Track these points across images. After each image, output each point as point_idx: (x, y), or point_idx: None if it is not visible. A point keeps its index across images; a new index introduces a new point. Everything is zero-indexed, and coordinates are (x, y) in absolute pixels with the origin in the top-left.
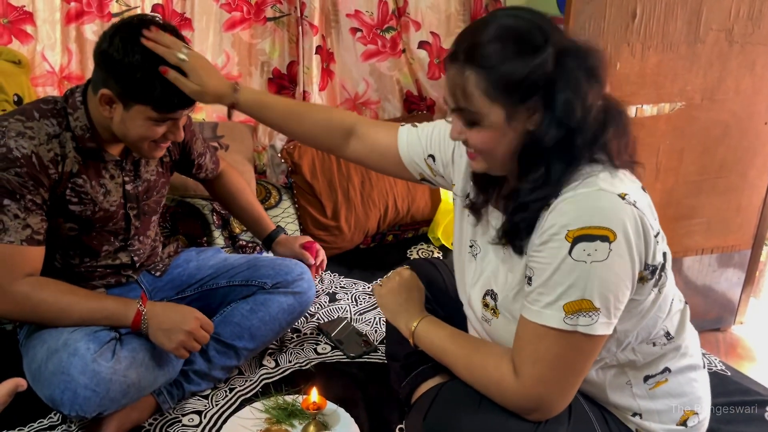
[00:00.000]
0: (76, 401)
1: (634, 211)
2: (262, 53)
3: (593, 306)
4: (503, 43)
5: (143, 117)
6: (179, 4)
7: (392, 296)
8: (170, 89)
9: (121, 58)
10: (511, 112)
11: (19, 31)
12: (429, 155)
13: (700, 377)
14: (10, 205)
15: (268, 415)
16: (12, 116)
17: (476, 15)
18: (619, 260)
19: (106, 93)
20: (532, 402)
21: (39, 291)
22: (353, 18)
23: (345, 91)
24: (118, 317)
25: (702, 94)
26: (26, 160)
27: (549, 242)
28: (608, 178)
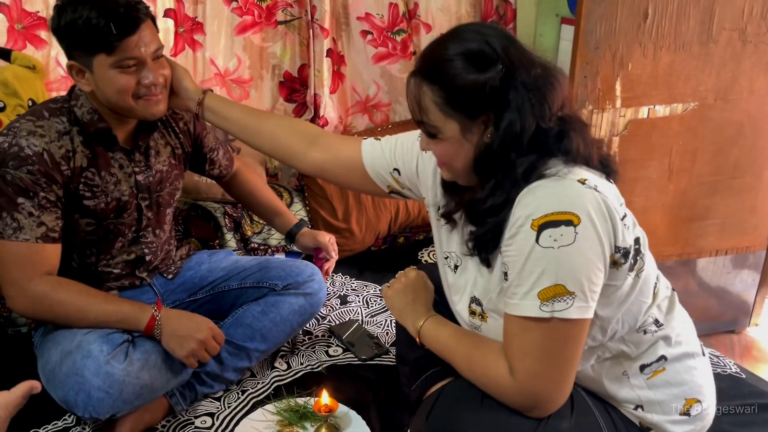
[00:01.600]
0: (90, 403)
1: (595, 194)
2: (274, 56)
3: (567, 290)
4: (457, 60)
5: (106, 68)
6: (191, 9)
7: (399, 296)
8: (107, 21)
9: (60, 21)
10: (465, 126)
11: (33, 37)
12: (394, 169)
13: (699, 365)
14: (25, 203)
15: (280, 418)
16: (23, 117)
17: (487, 16)
18: (586, 242)
19: (72, 64)
20: (530, 398)
21: (57, 291)
22: (364, 21)
23: (356, 93)
24: (133, 321)
25: (715, 94)
26: (38, 157)
27: (516, 235)
28: (566, 168)
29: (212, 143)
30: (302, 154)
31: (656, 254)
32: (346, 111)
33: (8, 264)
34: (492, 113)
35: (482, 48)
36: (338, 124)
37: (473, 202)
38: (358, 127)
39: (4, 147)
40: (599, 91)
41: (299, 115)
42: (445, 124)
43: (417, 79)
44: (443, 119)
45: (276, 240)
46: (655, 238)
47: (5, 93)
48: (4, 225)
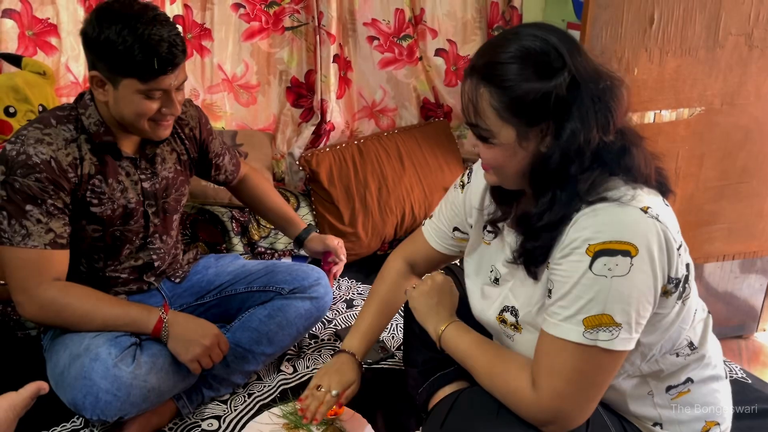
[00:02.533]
0: (98, 405)
1: (657, 224)
2: (281, 62)
3: (614, 321)
4: (520, 64)
5: (132, 91)
6: (199, 15)
7: (423, 299)
8: (149, 56)
9: (98, 35)
10: (522, 133)
11: (44, 43)
12: (454, 228)
13: (723, 388)
14: (33, 210)
15: (286, 421)
16: (31, 125)
17: (492, 22)
18: (640, 275)
19: (95, 75)
20: (549, 415)
21: (65, 295)
22: (370, 27)
23: (362, 98)
24: (140, 324)
25: (722, 98)
26: (45, 165)
27: (570, 255)
28: (629, 191)
29: (218, 149)
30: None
31: None
32: (352, 116)
33: (17, 270)
34: (553, 122)
35: (548, 52)
36: (345, 128)
37: (527, 216)
38: (365, 132)
39: (12, 155)
40: None
41: (306, 119)
42: (501, 129)
43: (474, 80)
44: (500, 124)
45: (282, 244)
46: None
47: (16, 99)
48: (13, 232)
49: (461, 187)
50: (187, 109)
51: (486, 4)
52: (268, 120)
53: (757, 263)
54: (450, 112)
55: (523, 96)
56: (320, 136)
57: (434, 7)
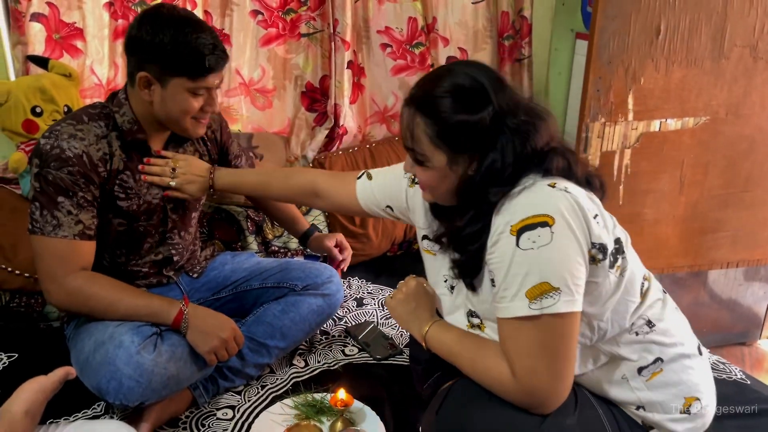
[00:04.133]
0: (121, 390)
1: (566, 195)
2: (296, 68)
3: (552, 287)
4: (451, 98)
5: (180, 89)
6: (218, 21)
7: (402, 306)
8: (200, 55)
9: (152, 38)
10: (451, 158)
11: (69, 46)
12: (387, 206)
13: (696, 364)
14: (64, 201)
15: (298, 411)
16: (64, 121)
17: (503, 31)
18: (563, 240)
19: (143, 75)
20: (531, 395)
21: (91, 285)
22: (383, 34)
23: (375, 104)
24: (162, 314)
25: (727, 108)
26: (78, 159)
27: (498, 242)
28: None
29: (236, 151)
30: (313, 205)
31: (668, 265)
32: (365, 121)
33: (47, 259)
34: (478, 150)
35: (475, 89)
36: (357, 133)
37: (455, 230)
38: (377, 136)
39: (47, 149)
40: (612, 105)
41: (320, 123)
42: (434, 154)
43: (411, 110)
44: (432, 150)
45: (295, 244)
46: (667, 250)
47: (43, 99)
48: (44, 222)
49: (411, 182)
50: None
51: (497, 13)
52: (283, 123)
53: (761, 271)
54: None
55: (453, 126)
56: (333, 139)
57: (446, 16)
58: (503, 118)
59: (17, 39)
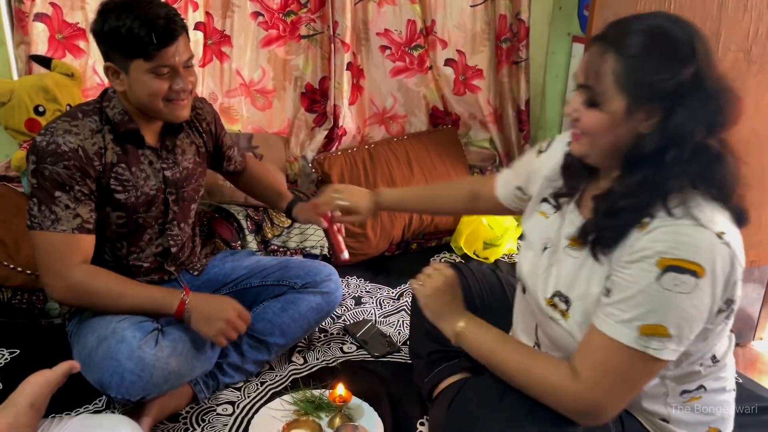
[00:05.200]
0: (123, 384)
1: (728, 251)
2: (296, 69)
3: (667, 333)
4: (652, 41)
5: (141, 72)
6: (219, 22)
7: (437, 296)
8: (148, 32)
9: (102, 27)
10: (631, 107)
11: (72, 46)
12: (517, 187)
13: (730, 399)
14: (61, 196)
15: (297, 407)
16: (59, 118)
17: (501, 33)
18: (702, 296)
19: (108, 66)
20: (589, 407)
21: (92, 279)
22: (383, 36)
23: (374, 105)
24: (164, 305)
25: None
26: (73, 153)
27: (639, 263)
28: (708, 212)
29: (229, 142)
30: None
31: None
32: (363, 122)
33: (47, 253)
34: (664, 107)
35: (682, 40)
36: (356, 133)
37: (610, 193)
38: (375, 137)
39: (42, 145)
40: None
41: (319, 124)
42: (614, 97)
43: (602, 45)
44: (614, 91)
45: (294, 243)
46: None
47: (46, 98)
48: (42, 217)
49: (537, 153)
50: (204, 105)
51: (494, 16)
52: (283, 124)
53: (755, 272)
54: (458, 120)
55: (646, 71)
56: (332, 140)
57: (445, 18)
58: (704, 79)
59: (20, 39)
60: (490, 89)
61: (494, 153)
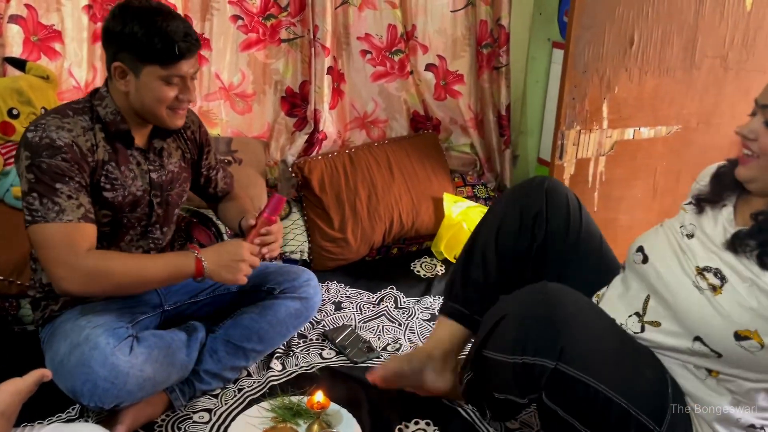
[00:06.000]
0: (96, 392)
1: None
2: (276, 73)
3: None
4: None
5: (153, 78)
6: (198, 26)
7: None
8: (169, 43)
9: (122, 28)
10: None
11: (48, 49)
12: None
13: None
14: (62, 187)
15: (275, 414)
16: (48, 115)
17: (481, 39)
18: None
19: (118, 66)
20: None
21: (107, 260)
22: (363, 41)
23: (354, 110)
24: (184, 268)
25: (698, 118)
26: (69, 147)
27: None
28: None
29: (213, 162)
30: None
31: None
32: (344, 126)
33: (55, 245)
34: None
35: None
36: (337, 138)
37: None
38: (356, 142)
39: (36, 140)
40: (587, 113)
41: (300, 128)
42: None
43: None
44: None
45: None
46: None
47: (20, 101)
48: (46, 210)
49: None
50: (189, 114)
51: (475, 22)
52: (263, 128)
53: None
54: (439, 124)
55: None
56: (313, 144)
57: (425, 24)
58: None
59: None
60: (471, 94)
61: (475, 158)
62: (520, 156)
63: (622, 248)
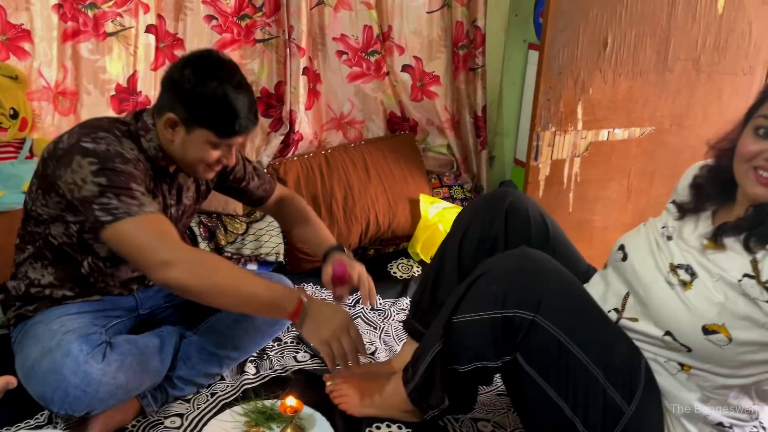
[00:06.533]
0: (66, 400)
1: None
2: (251, 73)
3: None
4: None
5: (203, 140)
6: (172, 25)
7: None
8: (232, 118)
9: (192, 88)
10: None
11: (16, 48)
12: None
13: None
14: (137, 188)
15: (248, 419)
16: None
17: (457, 40)
18: None
19: (171, 117)
20: None
21: (209, 254)
22: (339, 41)
23: (331, 110)
24: (283, 305)
25: (671, 119)
26: (136, 162)
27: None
28: None
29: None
30: None
31: None
32: (320, 127)
33: (148, 236)
34: None
35: None
36: (313, 139)
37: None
38: (333, 143)
39: (102, 149)
40: (562, 114)
41: (275, 129)
42: None
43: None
44: None
45: (249, 250)
46: None
47: None
48: (127, 206)
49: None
50: None
51: (451, 23)
52: None
53: None
54: (415, 125)
55: None
56: (289, 145)
57: (401, 25)
58: None
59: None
60: (447, 95)
61: (452, 159)
62: (496, 157)
63: (597, 249)
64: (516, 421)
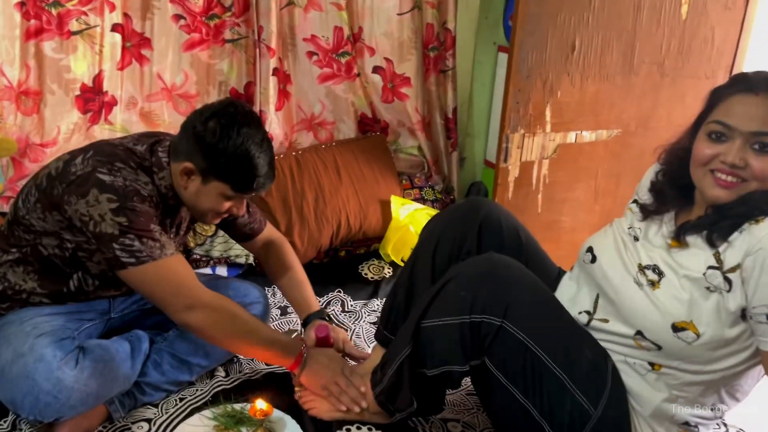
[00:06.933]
0: (37, 406)
1: None
2: (220, 73)
3: None
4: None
5: (218, 192)
6: (139, 24)
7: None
8: (251, 177)
9: (216, 143)
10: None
11: None
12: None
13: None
14: (155, 228)
15: (217, 423)
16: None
17: (428, 42)
18: None
19: (188, 166)
20: None
21: (228, 302)
22: (310, 42)
23: (301, 111)
24: (288, 353)
25: (637, 122)
26: (150, 200)
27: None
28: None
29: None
30: None
31: None
32: (291, 128)
33: (173, 281)
34: None
35: None
36: (284, 140)
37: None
38: (303, 144)
39: (119, 185)
40: (530, 117)
41: None
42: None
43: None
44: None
45: (218, 252)
46: None
47: None
48: (150, 249)
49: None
50: None
51: (422, 25)
52: None
53: None
54: (386, 127)
55: None
56: None
57: (372, 26)
58: None
59: None
60: (418, 97)
61: (423, 160)
62: (467, 158)
63: (566, 249)
64: (486, 421)
